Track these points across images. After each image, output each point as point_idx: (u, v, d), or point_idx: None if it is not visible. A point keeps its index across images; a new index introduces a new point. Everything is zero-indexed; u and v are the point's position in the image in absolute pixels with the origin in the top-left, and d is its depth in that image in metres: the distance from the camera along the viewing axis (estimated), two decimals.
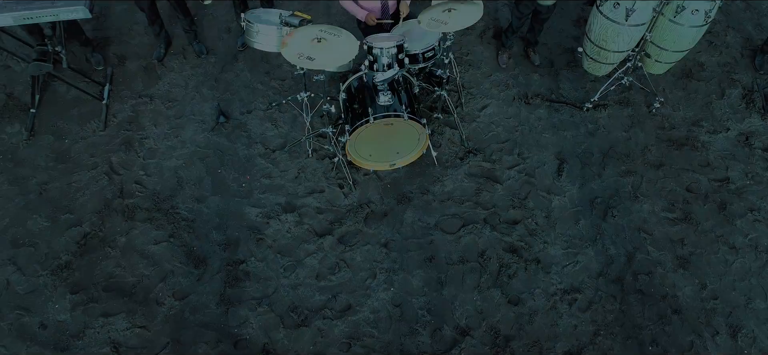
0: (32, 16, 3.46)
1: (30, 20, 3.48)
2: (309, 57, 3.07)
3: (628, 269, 3.55)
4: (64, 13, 3.47)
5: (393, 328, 3.33)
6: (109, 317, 3.33)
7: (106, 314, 3.34)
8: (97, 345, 3.24)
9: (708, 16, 3.63)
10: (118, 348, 3.24)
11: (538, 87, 4.38)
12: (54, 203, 3.77)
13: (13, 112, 4.18)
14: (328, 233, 3.67)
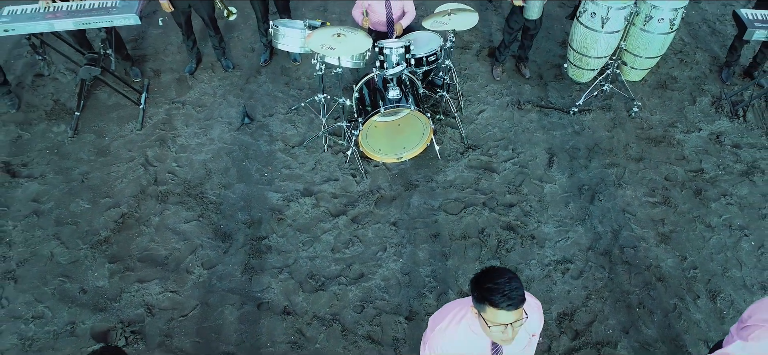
0: (90, 21, 4.02)
1: (88, 25, 4.03)
2: (330, 47, 3.59)
3: (615, 243, 3.92)
4: (118, 20, 4.03)
5: (402, 292, 3.65)
6: (144, 283, 3.65)
7: (140, 280, 3.67)
8: (133, 307, 3.55)
9: (672, 24, 4.20)
10: (152, 309, 3.54)
11: (529, 95, 4.90)
12: (94, 189, 4.17)
13: (59, 115, 4.66)
14: (342, 213, 4.05)
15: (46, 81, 4.96)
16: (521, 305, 1.84)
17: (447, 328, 2.09)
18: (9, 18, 4.01)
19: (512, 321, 1.84)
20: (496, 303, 1.81)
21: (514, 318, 1.84)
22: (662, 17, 4.15)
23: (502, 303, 1.80)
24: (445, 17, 3.97)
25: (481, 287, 1.86)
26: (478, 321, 1.95)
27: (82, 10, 4.08)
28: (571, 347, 3.43)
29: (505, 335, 1.87)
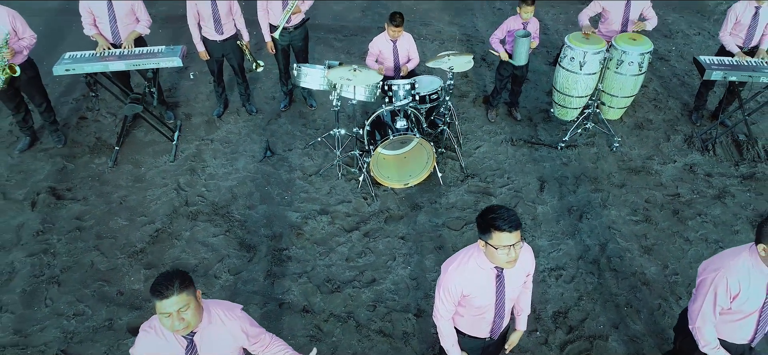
0: (139, 63, 4.67)
1: (138, 67, 4.68)
2: (348, 78, 4.20)
3: (603, 254, 4.32)
4: (164, 62, 4.68)
5: (411, 294, 4.01)
6: None
7: None
8: None
9: (641, 67, 4.86)
10: None
11: (520, 133, 5.48)
12: (131, 209, 4.63)
13: (101, 150, 5.21)
14: (355, 229, 4.49)
15: (90, 122, 5.57)
16: (519, 229, 2.26)
17: (458, 267, 2.49)
18: (70, 60, 4.67)
19: (513, 242, 2.26)
20: (499, 226, 2.23)
21: (514, 240, 2.26)
22: (631, 61, 4.82)
23: (504, 225, 2.23)
24: (445, 58, 4.63)
25: (485, 219, 2.29)
26: (485, 253, 2.36)
27: (133, 54, 4.75)
28: (566, 340, 3.75)
29: (509, 255, 2.28)
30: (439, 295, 2.58)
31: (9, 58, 4.52)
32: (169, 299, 2.06)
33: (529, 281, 2.71)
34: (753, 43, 5.05)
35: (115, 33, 4.87)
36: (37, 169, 5.00)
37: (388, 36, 4.87)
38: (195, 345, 2.28)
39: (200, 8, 4.92)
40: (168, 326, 2.13)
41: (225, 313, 2.37)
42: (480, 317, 2.62)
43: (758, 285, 2.55)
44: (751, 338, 2.74)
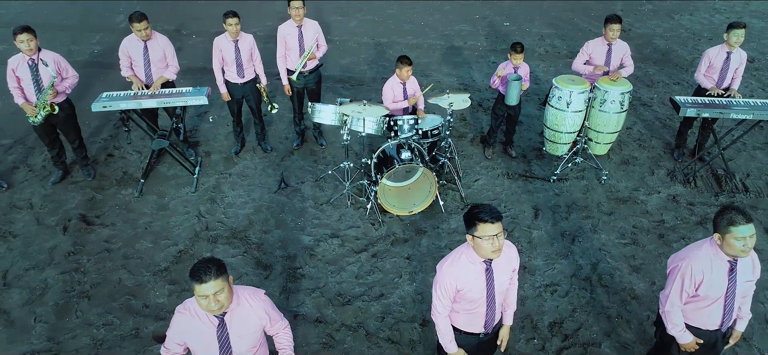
0: (169, 101, 5.17)
1: (167, 104, 5.18)
2: (359, 111, 4.69)
3: (594, 272, 4.65)
4: (191, 100, 5.19)
5: (416, 306, 4.31)
6: None
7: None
8: None
9: (622, 105, 5.37)
10: None
11: (515, 169, 5.92)
12: (156, 233, 4.99)
13: (127, 182, 5.63)
14: (363, 250, 4.83)
15: (117, 159, 6.01)
16: (500, 220, 2.64)
17: (451, 264, 2.83)
18: (107, 99, 5.17)
19: (496, 233, 2.62)
20: (483, 218, 2.61)
21: (497, 230, 2.62)
22: (613, 99, 5.33)
23: (487, 217, 2.61)
24: (445, 95, 5.14)
25: (471, 214, 2.67)
26: (473, 247, 2.72)
27: (163, 93, 5.27)
28: (562, 347, 4.02)
29: (494, 245, 2.64)
30: (436, 293, 2.89)
31: (51, 98, 5.03)
32: (207, 283, 2.40)
33: (515, 276, 3.04)
34: (725, 84, 5.58)
35: (148, 75, 5.41)
36: (69, 199, 5.39)
37: (397, 78, 5.38)
38: (225, 324, 2.60)
39: (225, 53, 5.49)
40: (204, 307, 2.46)
41: (251, 296, 2.70)
42: (473, 311, 2.93)
43: (720, 272, 2.90)
44: (719, 324, 3.05)
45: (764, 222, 5.20)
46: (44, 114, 5.07)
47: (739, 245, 2.78)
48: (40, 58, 4.94)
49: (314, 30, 5.69)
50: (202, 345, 2.61)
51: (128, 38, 5.35)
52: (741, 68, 5.52)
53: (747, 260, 2.96)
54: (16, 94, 5.02)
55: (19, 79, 4.99)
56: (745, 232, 2.75)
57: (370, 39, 9.23)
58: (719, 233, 2.83)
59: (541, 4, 10.79)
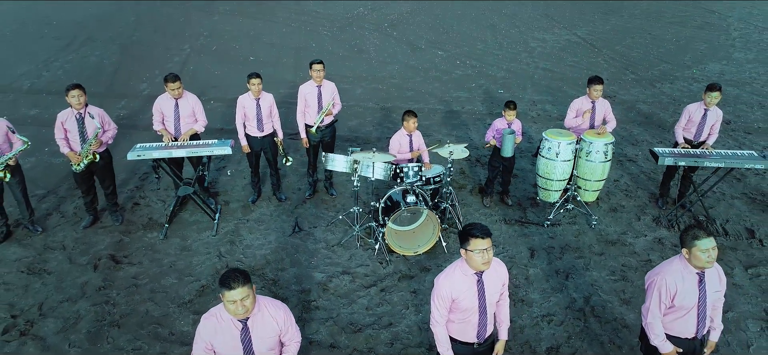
0: (197, 151, 5.72)
1: (195, 153, 5.73)
2: (369, 158, 5.22)
3: (587, 304, 5.01)
4: (217, 150, 5.74)
5: (423, 334, 4.64)
6: None
7: None
8: None
9: (606, 155, 5.92)
10: None
11: (512, 215, 6.39)
12: (180, 271, 5.38)
13: (152, 227, 6.07)
14: (373, 286, 5.21)
15: (142, 206, 6.49)
16: (489, 237, 3.07)
17: (447, 276, 3.24)
18: (140, 149, 5.72)
19: (486, 247, 3.05)
20: (474, 234, 3.05)
21: (486, 245, 3.05)
22: (598, 150, 5.90)
23: (478, 232, 3.05)
24: (446, 145, 5.71)
25: (465, 231, 3.11)
26: (466, 260, 3.14)
27: (191, 144, 5.83)
28: None
29: (484, 258, 3.06)
30: (434, 303, 3.28)
31: (95, 148, 5.59)
32: (236, 290, 2.81)
33: (506, 292, 3.44)
34: (701, 138, 6.15)
35: (178, 129, 6.00)
36: (99, 241, 5.81)
37: (404, 132, 5.95)
38: (248, 329, 2.98)
39: (247, 110, 6.10)
40: (232, 311, 2.86)
41: (272, 305, 3.09)
42: (466, 321, 3.30)
43: (691, 283, 3.31)
44: (695, 332, 3.42)
45: (743, 261, 5.60)
46: (86, 162, 5.60)
47: (704, 257, 3.21)
48: (88, 112, 5.53)
49: (331, 90, 6.36)
50: (227, 348, 2.97)
51: (162, 97, 5.98)
52: (717, 125, 6.12)
53: (713, 272, 3.37)
54: (62, 144, 5.58)
55: (67, 130, 5.56)
56: (707, 245, 3.20)
57: (374, 104, 9.96)
58: (686, 248, 3.28)
59: (533, 74, 11.66)
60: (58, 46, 13.46)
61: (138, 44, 13.66)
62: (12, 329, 4.63)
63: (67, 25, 15.43)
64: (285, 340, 3.17)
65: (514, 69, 12.06)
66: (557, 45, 13.99)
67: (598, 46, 13.97)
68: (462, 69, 12.07)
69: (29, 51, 12.99)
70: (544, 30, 15.50)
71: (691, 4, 18.77)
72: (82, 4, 18.21)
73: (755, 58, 12.93)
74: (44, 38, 14.23)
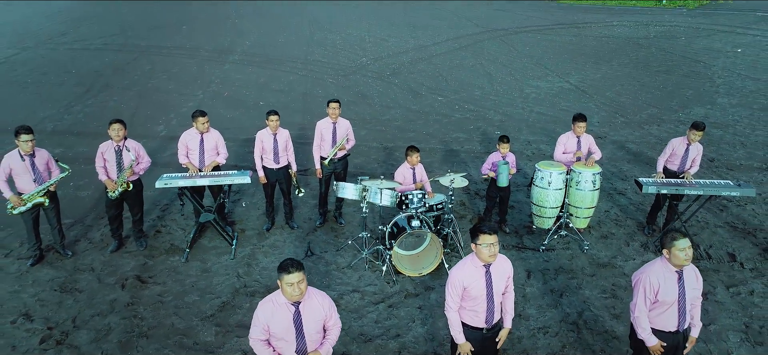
0: (218, 180, 6.24)
1: (216, 182, 6.24)
2: (379, 187, 5.74)
3: (580, 318, 5.40)
4: (237, 179, 6.25)
5: (428, 344, 5.02)
6: (240, 337, 5.04)
7: (238, 335, 5.06)
8: (233, 352, 4.88)
9: (594, 184, 6.44)
10: (247, 352, 4.87)
11: (509, 241, 6.84)
12: (202, 290, 5.79)
13: (174, 252, 6.51)
14: (381, 302, 5.61)
15: (164, 234, 6.95)
16: (496, 234, 3.58)
17: (460, 268, 3.75)
18: (166, 179, 6.24)
19: (492, 242, 3.56)
20: (483, 230, 3.57)
21: (493, 240, 3.56)
22: (586, 180, 6.42)
23: (486, 229, 3.57)
24: (448, 174, 6.23)
25: (475, 228, 3.64)
26: (476, 253, 3.64)
27: (214, 174, 6.35)
28: None
29: (491, 251, 3.56)
30: (448, 290, 3.78)
31: (128, 177, 6.12)
32: (293, 274, 3.30)
33: (511, 285, 3.91)
34: (684, 169, 6.68)
35: (202, 161, 6.54)
36: (124, 264, 6.25)
37: (408, 165, 6.49)
38: (300, 312, 3.44)
39: (265, 143, 6.66)
40: (289, 293, 3.33)
41: (319, 295, 3.60)
42: (476, 308, 3.79)
43: (671, 280, 3.77)
44: (677, 326, 3.85)
45: (725, 281, 6.02)
46: (121, 190, 6.10)
47: (681, 255, 3.69)
48: (125, 146, 6.09)
49: (346, 127, 6.95)
50: (282, 328, 3.42)
51: (188, 132, 6.55)
52: (698, 158, 6.68)
53: (690, 272, 3.84)
54: (101, 171, 6.11)
55: (106, 160, 6.10)
56: (684, 244, 3.68)
57: (378, 144, 10.56)
58: (666, 249, 3.75)
59: (528, 117, 12.33)
60: (77, 92, 14.22)
61: (154, 91, 14.42)
62: (48, 339, 5.01)
63: (86, 74, 16.28)
64: (328, 325, 3.62)
65: (510, 113, 12.75)
66: (551, 92, 14.76)
67: (589, 92, 14.73)
68: (461, 113, 12.76)
69: (51, 97, 13.73)
70: (538, 78, 16.33)
71: (678, 54, 19.75)
72: (98, 54, 19.19)
73: (738, 102, 13.65)
74: (64, 85, 15.02)
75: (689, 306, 3.86)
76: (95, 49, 20.30)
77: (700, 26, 26.55)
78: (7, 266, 6.20)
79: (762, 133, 11.23)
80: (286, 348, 3.45)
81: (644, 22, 28.56)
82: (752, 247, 6.76)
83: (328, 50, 20.56)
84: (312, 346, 3.51)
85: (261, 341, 3.49)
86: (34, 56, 18.99)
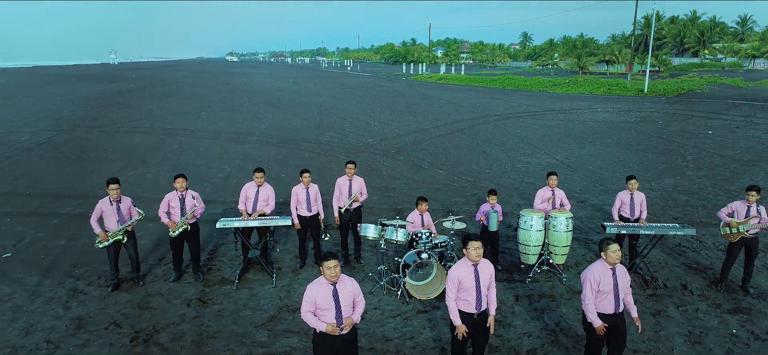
0: (267, 222, 7.78)
1: (265, 224, 7.78)
2: (394, 225, 7.29)
3: (557, 327, 6.75)
4: (281, 222, 7.79)
5: (436, 343, 6.35)
6: (288, 338, 6.36)
7: (286, 337, 6.39)
8: (283, 348, 6.20)
9: (567, 226, 7.99)
10: (295, 348, 6.18)
11: (500, 276, 8.27)
12: (252, 308, 7.15)
13: (225, 282, 7.93)
14: (398, 315, 6.97)
15: (214, 270, 8.38)
16: (479, 240, 5.11)
17: (456, 268, 5.24)
18: (225, 220, 7.79)
19: (478, 246, 5.09)
20: (472, 238, 5.11)
21: (478, 245, 5.09)
22: (561, 223, 7.97)
23: (473, 237, 5.11)
24: (450, 219, 7.80)
25: (465, 238, 5.17)
26: (466, 256, 5.15)
27: (262, 218, 7.91)
28: None
29: (477, 252, 5.08)
30: (448, 285, 5.24)
31: (189, 220, 7.68)
32: (331, 261, 4.81)
33: (493, 282, 5.36)
34: (635, 215, 8.26)
35: (255, 208, 8.12)
36: (186, 290, 7.65)
37: (417, 212, 8.08)
38: (337, 289, 4.89)
39: (299, 196, 8.27)
40: (328, 276, 4.81)
41: (349, 279, 5.04)
42: (467, 298, 5.22)
43: (607, 275, 5.25)
44: (614, 308, 5.26)
45: (676, 303, 7.40)
46: (181, 230, 7.64)
47: (613, 256, 5.19)
48: (189, 193, 7.71)
49: (359, 183, 8.60)
50: (325, 301, 4.85)
51: (248, 184, 8.20)
52: (644, 203, 8.28)
53: (621, 269, 5.31)
54: (163, 216, 7.67)
55: (171, 206, 7.68)
56: (614, 248, 5.20)
57: (388, 206, 12.15)
58: (603, 251, 5.27)
59: (519, 186, 14.01)
60: (117, 167, 16.00)
61: (185, 165, 16.22)
62: (136, 339, 6.35)
63: (122, 152, 18.20)
64: (356, 301, 5.03)
65: (502, 182, 14.46)
66: (539, 166, 16.57)
67: (573, 166, 16.55)
68: (459, 183, 14.48)
69: (95, 170, 15.51)
70: (528, 155, 18.24)
71: (655, 135, 21.85)
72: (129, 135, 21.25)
73: (705, 175, 15.42)
74: (105, 161, 16.87)
75: (622, 294, 5.29)
76: (126, 132, 22.43)
77: (678, 112, 29.05)
78: (91, 291, 7.60)
79: (722, 198, 12.87)
80: (328, 316, 4.85)
81: (626, 109, 31.16)
82: (702, 280, 8.18)
83: (337, 133, 22.71)
84: (346, 313, 4.91)
85: (310, 312, 4.89)
86: (73, 137, 21.04)
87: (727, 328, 6.74)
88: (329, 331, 4.82)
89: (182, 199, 7.73)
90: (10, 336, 6.41)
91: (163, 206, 7.75)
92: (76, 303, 7.24)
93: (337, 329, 4.85)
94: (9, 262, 8.68)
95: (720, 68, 66.65)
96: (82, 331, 6.53)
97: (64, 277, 8.08)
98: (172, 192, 7.79)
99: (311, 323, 4.89)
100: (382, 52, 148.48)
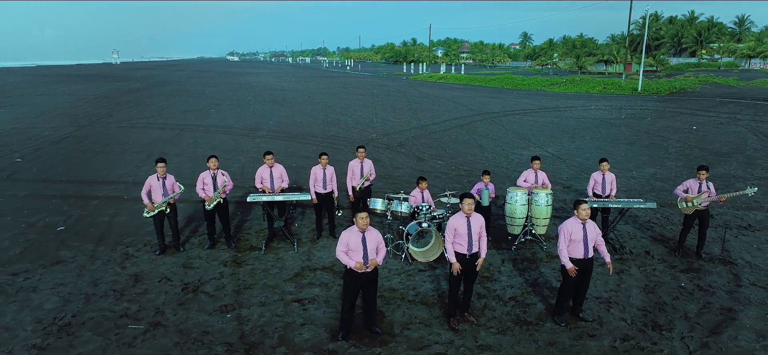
0: (290, 197, 9.09)
1: (288, 199, 9.08)
2: (399, 198, 8.60)
3: (536, 282, 8.05)
4: (302, 197, 9.10)
5: (435, 292, 7.66)
6: (312, 287, 7.68)
7: (309, 287, 7.70)
8: (310, 296, 7.51)
9: (548, 201, 9.30)
10: (318, 296, 7.49)
11: (490, 245, 9.56)
12: (279, 267, 8.46)
13: (253, 249, 9.23)
14: (402, 273, 8.28)
15: (243, 240, 9.69)
16: (472, 198, 6.43)
17: (453, 218, 6.56)
18: (254, 196, 9.08)
19: (471, 202, 6.41)
20: (464, 195, 6.44)
21: (470, 202, 6.41)
22: (542, 199, 9.28)
23: (467, 195, 6.44)
24: (446, 194, 9.11)
25: (462, 195, 6.49)
26: (462, 209, 6.47)
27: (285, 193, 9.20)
28: (517, 303, 7.31)
29: (470, 207, 6.41)
30: (446, 231, 6.57)
31: (222, 194, 9.00)
32: (362, 213, 6.15)
33: (483, 232, 6.68)
34: (606, 193, 9.58)
35: (273, 186, 9.44)
36: (221, 255, 8.96)
37: (418, 190, 9.40)
38: (365, 237, 6.21)
39: (317, 175, 9.59)
40: (359, 225, 6.14)
41: (374, 230, 6.35)
42: (461, 243, 6.53)
43: (578, 228, 6.58)
44: (583, 254, 6.58)
45: (638, 265, 8.71)
46: (215, 203, 8.95)
47: (583, 213, 6.53)
48: (220, 172, 9.03)
49: (369, 165, 9.92)
50: (355, 244, 6.19)
51: (261, 167, 9.50)
52: (614, 183, 9.60)
53: (591, 224, 6.63)
54: (200, 192, 8.98)
55: (205, 183, 9.00)
56: (584, 206, 6.54)
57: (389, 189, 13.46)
58: (575, 209, 6.59)
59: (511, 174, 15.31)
60: (140, 158, 17.30)
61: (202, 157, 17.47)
62: (186, 288, 7.66)
63: (142, 145, 19.49)
64: (379, 247, 6.35)
65: (497, 171, 15.77)
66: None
67: (563, 158, 17.86)
68: (456, 172, 15.79)
69: (120, 161, 16.82)
70: (522, 148, 19.54)
71: (642, 131, 23.16)
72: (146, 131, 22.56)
73: (684, 165, 16.72)
74: (127, 153, 18.17)
75: (591, 243, 6.61)
76: (142, 127, 23.75)
77: (667, 110, 30.38)
78: (140, 255, 8.91)
79: None
80: (357, 256, 6.16)
81: (618, 106, 32.49)
82: (664, 249, 9.49)
83: (342, 129, 24.02)
84: (371, 255, 6.22)
85: (343, 252, 6.20)
86: (93, 133, 22.35)
87: (677, 282, 8.05)
88: (357, 268, 6.13)
89: (214, 177, 9.04)
90: (81, 286, 7.72)
91: (199, 184, 9.06)
92: (130, 263, 8.55)
93: (364, 266, 6.15)
94: (64, 234, 9.99)
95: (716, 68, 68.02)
96: (140, 283, 7.85)
97: (115, 245, 9.39)
98: (205, 171, 9.10)
99: (343, 261, 6.20)
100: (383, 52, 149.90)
